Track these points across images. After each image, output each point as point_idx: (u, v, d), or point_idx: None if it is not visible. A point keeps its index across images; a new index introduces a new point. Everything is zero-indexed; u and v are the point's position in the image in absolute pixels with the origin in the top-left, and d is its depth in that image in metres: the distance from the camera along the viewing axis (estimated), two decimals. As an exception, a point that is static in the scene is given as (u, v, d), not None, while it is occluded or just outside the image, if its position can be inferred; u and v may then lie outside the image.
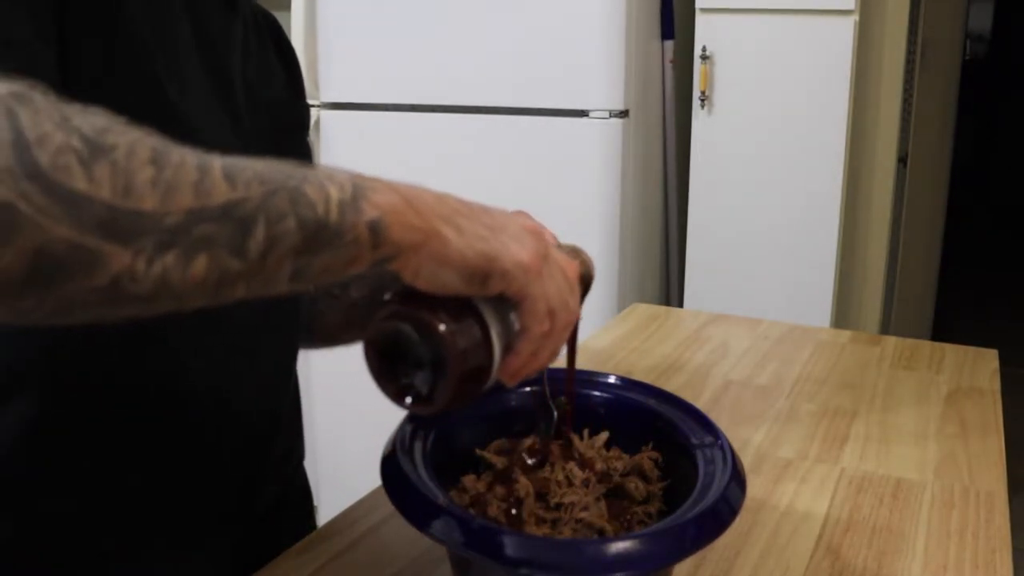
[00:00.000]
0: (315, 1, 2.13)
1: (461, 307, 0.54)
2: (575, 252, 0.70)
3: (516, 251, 0.54)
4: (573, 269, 0.60)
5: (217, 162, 0.45)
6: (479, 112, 2.02)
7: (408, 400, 0.56)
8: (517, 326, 0.56)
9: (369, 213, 0.48)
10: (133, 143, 0.42)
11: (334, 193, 0.48)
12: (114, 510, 0.70)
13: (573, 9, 1.90)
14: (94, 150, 0.41)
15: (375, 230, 0.48)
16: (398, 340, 0.55)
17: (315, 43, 2.14)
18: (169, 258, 0.42)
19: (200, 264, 0.43)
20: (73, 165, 0.40)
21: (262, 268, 0.45)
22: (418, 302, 0.53)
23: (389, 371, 0.56)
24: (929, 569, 0.75)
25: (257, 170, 0.46)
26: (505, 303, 0.55)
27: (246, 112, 0.75)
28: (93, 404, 0.67)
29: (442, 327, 0.53)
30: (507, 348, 0.57)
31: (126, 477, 0.70)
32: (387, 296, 0.55)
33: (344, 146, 2.15)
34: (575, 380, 0.77)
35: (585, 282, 0.68)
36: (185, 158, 0.44)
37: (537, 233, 0.57)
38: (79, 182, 0.40)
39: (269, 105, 0.79)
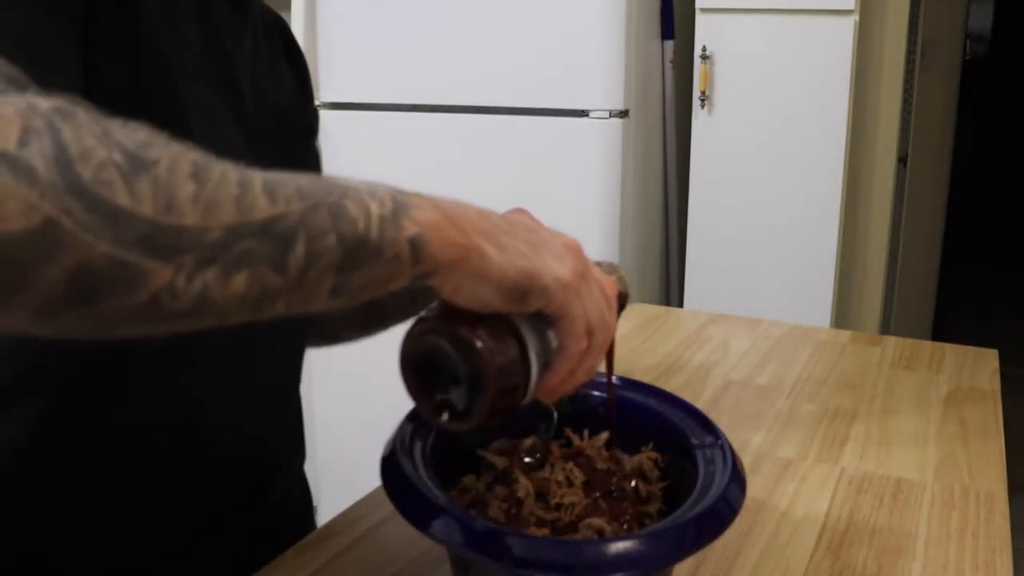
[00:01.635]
0: (315, 1, 2.13)
1: (499, 324, 0.54)
2: (612, 268, 0.70)
3: (556, 268, 0.54)
4: (611, 287, 0.60)
5: (258, 177, 0.45)
6: (479, 112, 2.02)
7: (445, 416, 0.56)
8: (555, 344, 0.56)
9: (410, 229, 0.48)
10: (175, 157, 0.42)
11: (375, 209, 0.47)
12: (115, 514, 0.70)
13: (573, 9, 1.90)
14: (136, 165, 0.40)
15: (416, 246, 0.48)
16: (435, 356, 0.55)
17: (315, 43, 2.14)
18: (209, 274, 0.42)
19: (240, 281, 0.43)
20: (115, 180, 0.39)
21: (302, 284, 0.45)
22: (456, 318, 0.53)
23: (425, 387, 0.56)
24: (929, 569, 0.75)
25: (298, 185, 0.46)
26: (543, 320, 0.55)
27: (254, 117, 0.74)
28: (96, 410, 0.67)
29: (479, 344, 0.53)
30: (545, 366, 0.56)
31: (128, 481, 0.70)
32: (425, 312, 0.55)
33: (344, 146, 2.15)
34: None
35: (621, 299, 0.68)
36: (226, 173, 0.44)
37: (576, 250, 0.56)
38: (121, 198, 0.39)
39: (278, 110, 0.79)
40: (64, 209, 0.38)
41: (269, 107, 0.77)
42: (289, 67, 0.85)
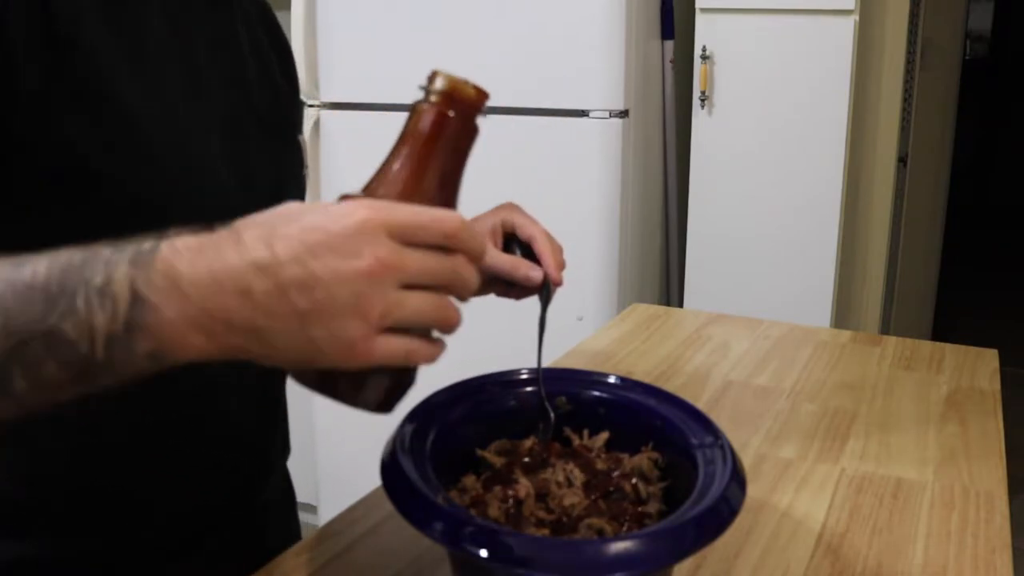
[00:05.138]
0: (315, 1, 2.13)
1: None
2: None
3: (333, 348, 0.46)
4: (466, 263, 0.50)
5: None
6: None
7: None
8: None
9: (143, 346, 0.44)
10: None
11: (101, 324, 0.43)
12: (101, 511, 0.70)
13: (573, 9, 1.90)
14: None
15: (157, 358, 0.45)
16: None
17: (315, 43, 2.14)
18: None
19: None
20: None
21: (38, 397, 0.44)
22: None
23: None
24: (929, 569, 0.75)
25: (9, 315, 0.43)
26: None
27: (230, 112, 0.72)
28: (81, 407, 0.67)
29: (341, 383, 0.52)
30: None
31: (114, 477, 0.70)
32: None
33: (344, 146, 2.15)
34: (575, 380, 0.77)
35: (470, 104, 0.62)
36: None
37: (376, 272, 0.46)
38: None
39: (258, 105, 0.77)
40: None
41: (249, 102, 0.75)
42: (275, 59, 0.82)
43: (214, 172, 0.69)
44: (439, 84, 0.59)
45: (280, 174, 0.79)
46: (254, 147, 0.74)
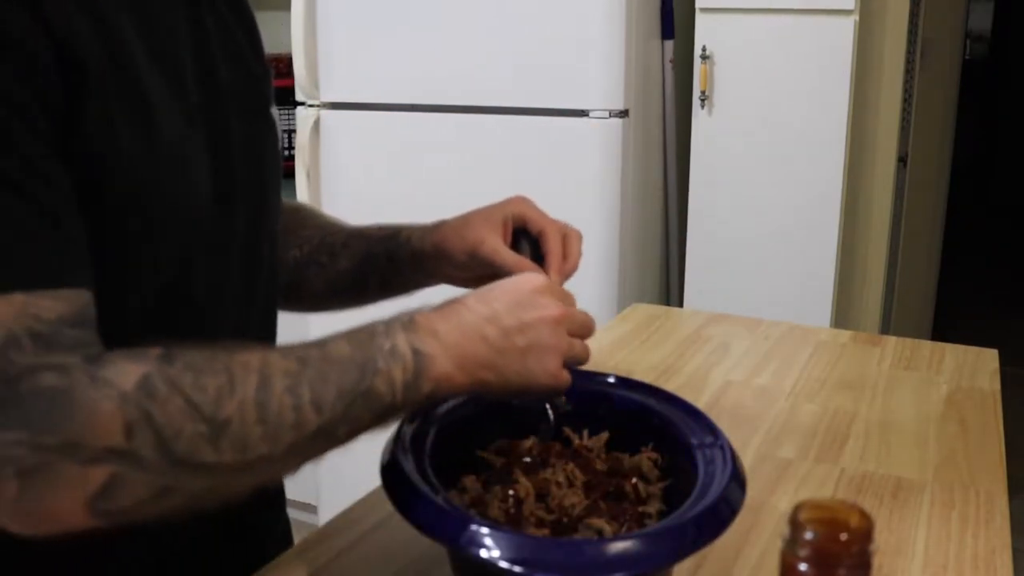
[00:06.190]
0: (315, 1, 2.13)
1: None
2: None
3: (543, 378, 0.65)
4: (588, 324, 0.70)
5: (306, 394, 0.56)
6: (479, 112, 2.01)
7: None
8: None
9: (426, 388, 0.60)
10: (242, 407, 0.54)
11: (398, 376, 0.59)
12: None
13: (573, 9, 1.90)
14: (216, 429, 0.53)
15: (432, 395, 0.61)
16: None
17: (315, 43, 2.14)
18: (274, 469, 0.58)
19: (293, 465, 0.59)
20: (203, 446, 0.53)
21: (348, 441, 0.60)
22: None
23: None
24: (929, 569, 0.75)
25: (339, 385, 0.57)
26: None
27: (208, 104, 0.69)
28: None
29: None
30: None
31: None
32: None
33: (344, 146, 2.15)
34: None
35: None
36: (283, 405, 0.55)
37: (559, 322, 0.66)
38: (209, 456, 0.53)
39: (233, 90, 0.73)
40: (174, 478, 0.53)
41: (226, 94, 0.72)
42: (242, 35, 0.77)
43: (200, 167, 0.68)
44: (812, 527, 0.43)
45: (261, 156, 0.77)
46: (235, 135, 0.72)
